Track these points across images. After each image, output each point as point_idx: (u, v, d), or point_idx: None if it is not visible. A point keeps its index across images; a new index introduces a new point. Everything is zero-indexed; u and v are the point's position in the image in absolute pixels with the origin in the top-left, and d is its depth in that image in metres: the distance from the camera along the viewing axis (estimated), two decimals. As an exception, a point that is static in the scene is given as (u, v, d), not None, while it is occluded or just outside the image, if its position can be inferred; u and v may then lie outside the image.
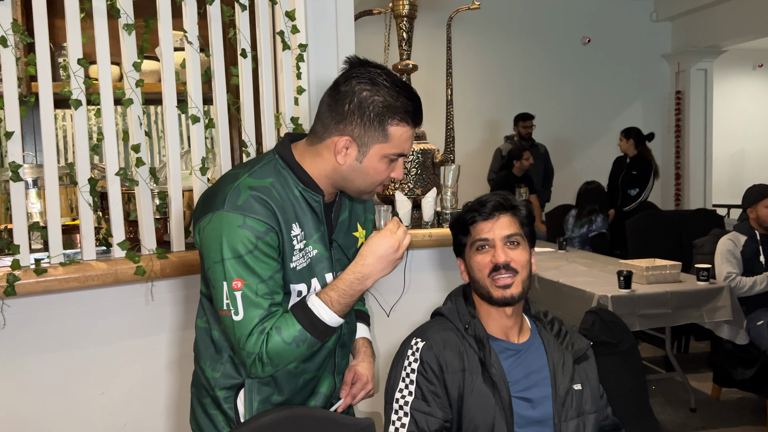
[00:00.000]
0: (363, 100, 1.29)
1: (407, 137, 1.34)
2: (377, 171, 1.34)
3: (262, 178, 1.33)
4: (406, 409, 1.44)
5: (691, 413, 3.54)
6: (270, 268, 1.29)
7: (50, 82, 1.72)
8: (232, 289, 1.26)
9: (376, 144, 1.32)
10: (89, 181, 1.78)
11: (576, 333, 1.65)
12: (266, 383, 1.39)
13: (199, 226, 1.32)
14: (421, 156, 2.44)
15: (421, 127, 1.43)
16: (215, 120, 2.02)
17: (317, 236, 1.38)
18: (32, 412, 1.74)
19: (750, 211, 3.56)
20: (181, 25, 1.95)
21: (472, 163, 6.09)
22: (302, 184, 1.36)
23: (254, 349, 1.26)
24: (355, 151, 1.32)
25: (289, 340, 1.27)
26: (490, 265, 1.50)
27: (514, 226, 1.53)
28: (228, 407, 1.39)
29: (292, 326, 1.28)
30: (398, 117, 1.31)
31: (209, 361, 1.41)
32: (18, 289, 1.62)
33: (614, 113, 7.21)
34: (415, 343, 1.48)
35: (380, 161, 1.34)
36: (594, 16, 7.08)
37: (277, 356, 1.27)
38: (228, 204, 1.28)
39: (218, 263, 1.27)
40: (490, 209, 1.53)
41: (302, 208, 1.36)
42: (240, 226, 1.26)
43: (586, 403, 1.53)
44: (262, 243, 1.27)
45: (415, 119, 1.34)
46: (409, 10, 2.47)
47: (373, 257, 1.33)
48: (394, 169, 1.37)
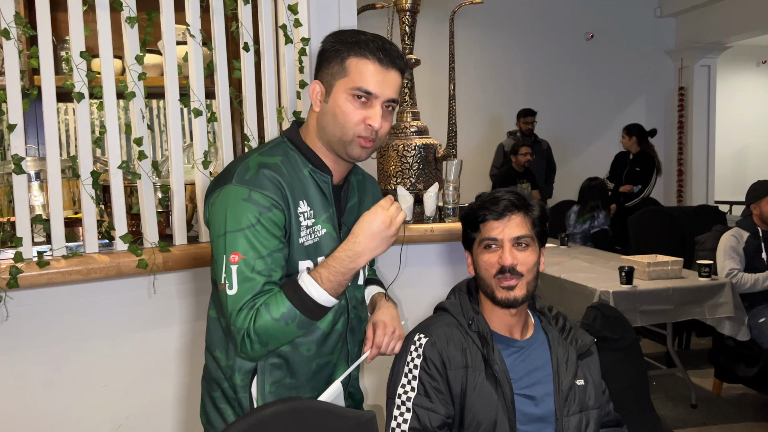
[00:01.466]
0: (329, 46, 1.36)
1: (369, 71, 1.32)
2: (344, 112, 1.33)
3: (272, 156, 1.35)
4: (409, 404, 1.44)
5: (692, 409, 3.54)
6: (270, 245, 1.28)
7: (53, 75, 1.72)
8: (229, 262, 1.26)
9: (337, 81, 1.34)
10: (92, 174, 1.78)
11: (580, 329, 1.64)
12: (278, 366, 1.39)
13: (209, 203, 1.35)
14: (424, 151, 2.43)
15: (391, 68, 1.36)
16: (218, 114, 2.02)
17: (326, 216, 1.39)
18: (35, 404, 1.74)
19: (753, 207, 3.55)
20: (184, 19, 1.95)
21: (475, 158, 6.09)
22: (311, 164, 1.38)
23: (243, 324, 1.25)
24: (323, 92, 1.36)
25: (277, 317, 1.25)
26: (497, 265, 1.48)
27: (525, 228, 1.50)
28: (243, 396, 1.39)
29: (281, 303, 1.26)
30: (356, 50, 1.33)
31: (224, 349, 1.41)
32: (21, 281, 1.63)
33: (617, 109, 7.19)
34: (418, 339, 1.48)
35: (345, 100, 1.32)
36: (597, 12, 7.06)
37: (265, 333, 1.26)
38: (236, 178, 1.30)
39: (221, 236, 1.28)
40: (502, 209, 1.50)
41: (311, 188, 1.37)
42: (245, 199, 1.27)
43: (589, 399, 1.53)
44: (264, 218, 1.27)
45: (375, 53, 1.32)
46: (411, 5, 2.47)
47: (364, 234, 1.31)
48: (367, 113, 1.32)
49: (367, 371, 2.21)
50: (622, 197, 5.62)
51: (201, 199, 2.00)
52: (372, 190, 1.58)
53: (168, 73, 1.92)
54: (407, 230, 2.25)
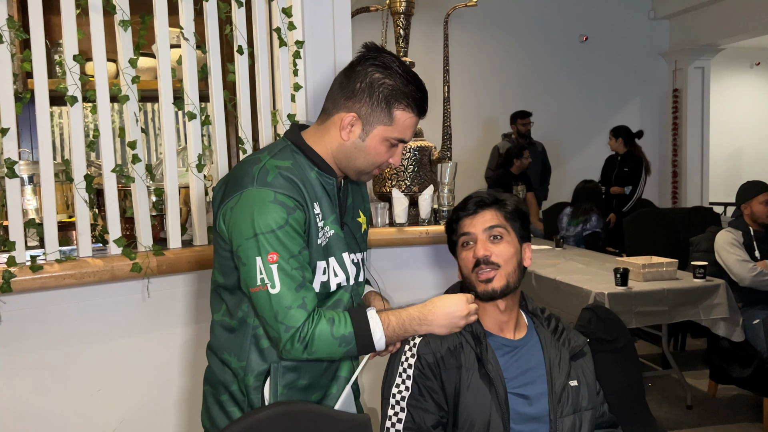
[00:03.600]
0: (374, 81, 1.35)
1: (410, 124, 1.39)
2: (378, 152, 1.39)
3: (284, 159, 1.37)
4: (403, 404, 1.44)
5: (688, 410, 3.55)
6: (298, 244, 1.31)
7: (46, 79, 1.71)
8: (267, 262, 1.28)
9: (380, 125, 1.37)
10: (85, 177, 1.77)
11: (573, 330, 1.65)
12: (291, 369, 1.40)
13: (225, 208, 1.34)
14: (419, 153, 2.43)
15: (424, 118, 1.46)
16: (212, 117, 2.01)
17: (333, 218, 1.42)
18: (27, 408, 1.73)
19: (744, 207, 3.57)
20: (178, 22, 1.95)
21: (470, 161, 6.10)
22: (316, 167, 1.40)
23: (294, 323, 1.28)
24: (359, 128, 1.37)
25: (337, 336, 1.30)
26: (473, 260, 1.51)
27: (497, 220, 1.54)
28: (255, 397, 1.40)
29: (345, 326, 1.31)
30: (405, 102, 1.36)
31: (234, 352, 1.41)
32: (14, 285, 1.62)
33: (612, 111, 7.21)
34: (412, 339, 1.49)
35: (382, 143, 1.38)
36: (592, 14, 7.09)
37: (318, 342, 1.29)
38: (258, 181, 1.30)
39: (251, 239, 1.28)
40: (472, 206, 1.55)
41: (319, 190, 1.39)
42: (271, 201, 1.29)
43: (582, 400, 1.53)
44: (292, 219, 1.30)
45: (421, 108, 1.40)
46: (406, 7, 2.47)
47: (441, 310, 1.40)
48: (393, 154, 1.41)
49: (364, 372, 2.21)
50: (614, 200, 5.64)
51: (195, 202, 1.99)
52: (361, 190, 1.61)
53: (162, 76, 1.92)
54: (402, 233, 2.25)
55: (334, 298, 1.43)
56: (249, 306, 1.38)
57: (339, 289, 1.44)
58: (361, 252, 1.54)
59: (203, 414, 1.50)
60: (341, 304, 1.44)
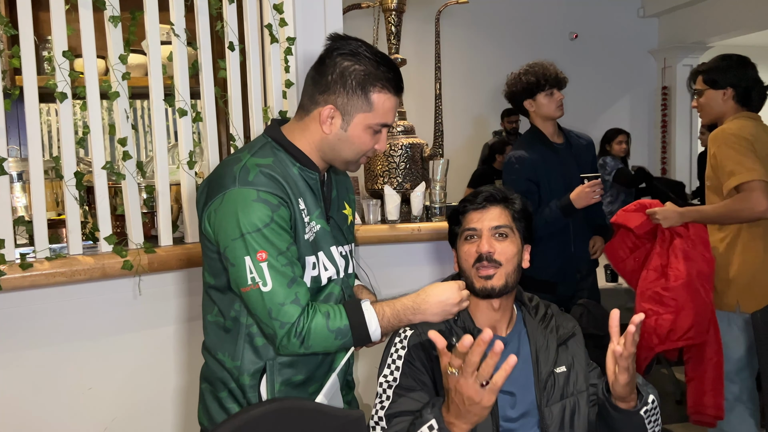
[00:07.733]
0: (345, 69, 1.35)
1: (390, 106, 1.39)
2: (362, 141, 1.39)
3: (264, 157, 1.36)
4: (390, 392, 1.43)
5: (678, 405, 3.57)
6: (285, 240, 1.31)
7: (35, 75, 1.70)
8: (257, 261, 1.28)
9: (360, 113, 1.36)
10: (75, 174, 1.76)
11: (562, 313, 1.64)
12: (287, 364, 1.40)
13: (209, 210, 1.34)
14: (410, 150, 2.43)
15: (402, 95, 1.45)
16: (203, 114, 2.00)
17: (318, 212, 1.42)
18: (19, 407, 1.72)
19: None
20: (168, 18, 1.94)
21: (461, 158, 6.10)
22: (298, 163, 1.40)
23: (289, 318, 1.28)
24: (339, 120, 1.37)
25: (333, 329, 1.31)
26: (475, 255, 1.50)
27: (504, 218, 1.53)
28: (252, 395, 1.40)
29: (341, 319, 1.32)
30: (380, 84, 1.36)
31: (227, 352, 1.41)
32: (3, 284, 1.61)
33: (601, 109, 7.24)
34: (403, 331, 1.48)
35: (365, 131, 1.38)
36: (581, 12, 7.11)
37: (315, 336, 1.29)
38: (239, 181, 1.30)
39: (238, 239, 1.28)
40: (482, 200, 1.54)
41: (302, 186, 1.39)
42: (255, 200, 1.29)
43: (573, 385, 1.52)
44: (276, 216, 1.30)
45: (397, 87, 1.39)
46: (397, 4, 2.47)
47: (434, 299, 1.41)
48: (378, 140, 1.41)
49: (359, 366, 2.21)
50: None
51: (186, 199, 1.98)
52: (345, 181, 1.61)
53: (152, 73, 1.91)
54: (394, 230, 2.25)
55: (326, 292, 1.44)
56: (241, 305, 1.38)
57: (330, 282, 1.45)
58: (349, 244, 1.54)
59: (200, 411, 1.50)
60: (333, 297, 1.44)
